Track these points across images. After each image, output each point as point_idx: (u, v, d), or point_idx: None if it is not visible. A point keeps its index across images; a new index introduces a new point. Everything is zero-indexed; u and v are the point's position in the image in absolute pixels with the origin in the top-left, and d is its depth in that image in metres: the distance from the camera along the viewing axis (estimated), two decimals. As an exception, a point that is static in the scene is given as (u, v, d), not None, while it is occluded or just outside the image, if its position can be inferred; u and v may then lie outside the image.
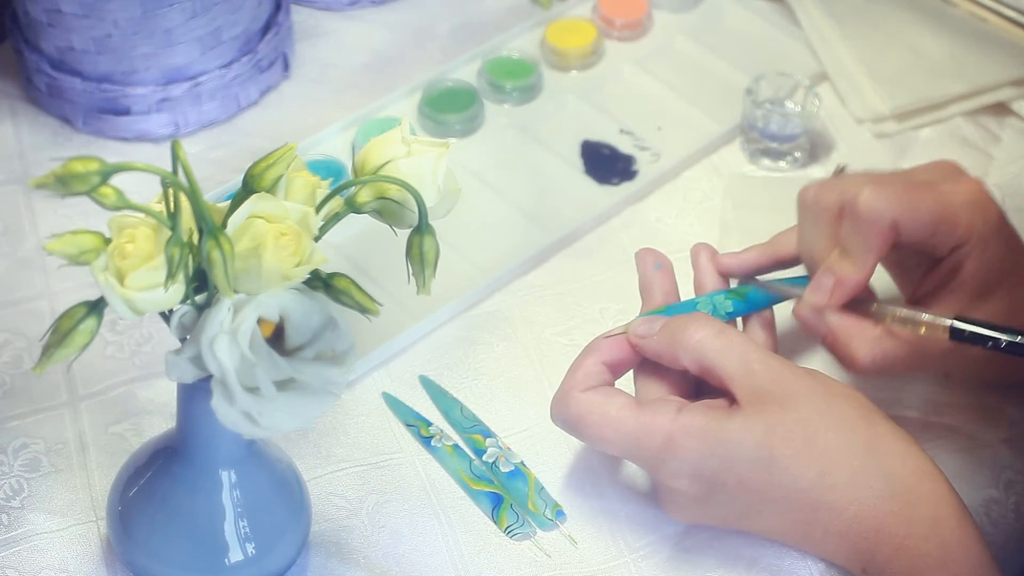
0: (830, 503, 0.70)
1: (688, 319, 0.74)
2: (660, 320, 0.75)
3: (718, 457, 0.70)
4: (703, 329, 0.73)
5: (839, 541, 0.71)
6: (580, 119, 0.99)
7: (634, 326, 0.76)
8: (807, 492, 0.70)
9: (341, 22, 1.07)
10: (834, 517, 0.71)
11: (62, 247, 0.59)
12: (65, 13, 0.92)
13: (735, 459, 0.70)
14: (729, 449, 0.70)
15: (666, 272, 0.79)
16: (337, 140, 0.96)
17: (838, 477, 0.70)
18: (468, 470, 0.79)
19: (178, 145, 0.59)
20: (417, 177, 0.64)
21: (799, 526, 0.72)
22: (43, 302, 0.87)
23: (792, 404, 0.71)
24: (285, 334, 0.63)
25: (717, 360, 0.72)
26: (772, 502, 0.71)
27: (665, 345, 0.74)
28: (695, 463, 0.71)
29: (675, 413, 0.71)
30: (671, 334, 0.74)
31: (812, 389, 0.71)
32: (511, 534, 0.77)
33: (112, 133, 0.96)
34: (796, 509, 0.71)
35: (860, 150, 0.98)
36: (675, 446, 0.71)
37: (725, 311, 0.78)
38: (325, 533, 0.76)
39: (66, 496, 0.77)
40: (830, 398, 0.71)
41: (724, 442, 0.70)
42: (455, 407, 0.82)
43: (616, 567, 0.76)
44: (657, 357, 0.75)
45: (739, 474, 0.71)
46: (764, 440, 0.70)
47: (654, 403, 0.73)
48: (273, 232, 0.61)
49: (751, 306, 0.79)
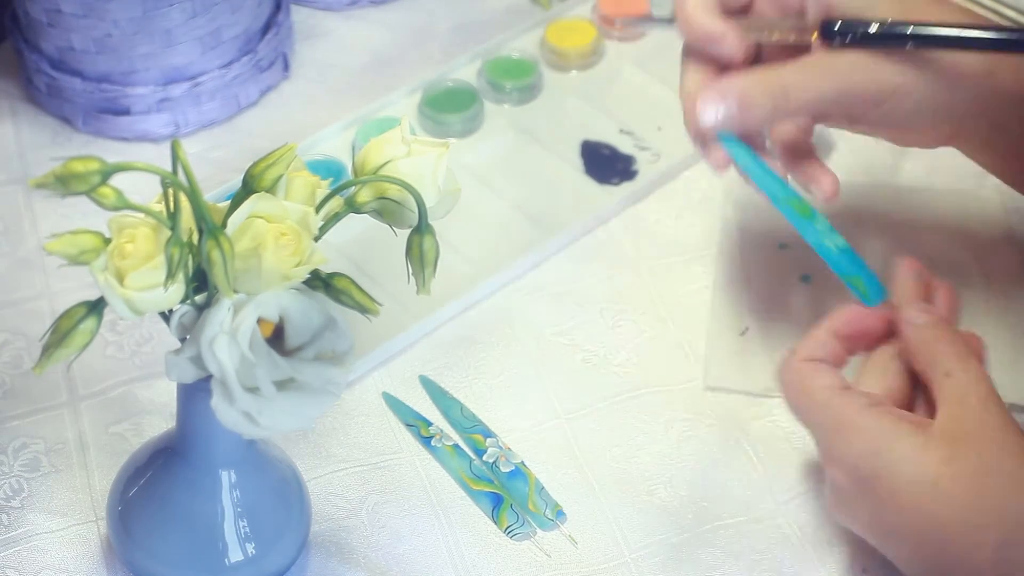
0: (967, 559, 0.66)
1: (961, 339, 0.72)
2: (933, 312, 0.73)
3: (881, 459, 0.68)
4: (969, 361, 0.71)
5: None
6: (580, 119, 0.99)
7: (911, 310, 0.73)
8: (947, 540, 0.66)
9: (341, 22, 1.07)
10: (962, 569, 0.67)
11: (62, 247, 0.59)
12: (65, 13, 0.92)
13: (893, 471, 0.67)
14: (894, 458, 0.67)
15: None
16: (337, 140, 0.96)
17: (987, 538, 0.66)
18: (468, 470, 0.79)
19: (178, 145, 0.59)
20: (417, 177, 0.64)
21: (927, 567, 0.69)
22: (43, 302, 0.87)
23: (985, 452, 0.67)
24: (285, 334, 0.63)
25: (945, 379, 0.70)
26: (915, 533, 0.68)
27: (926, 344, 0.72)
28: (857, 457, 0.69)
29: (866, 405, 0.69)
30: (938, 340, 0.71)
31: (1011, 449, 0.67)
32: (511, 534, 0.77)
33: (112, 133, 0.96)
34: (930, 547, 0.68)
35: (860, 150, 0.98)
36: (847, 433, 0.69)
37: (836, 244, 0.75)
38: (325, 533, 0.76)
39: (66, 496, 0.77)
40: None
41: (893, 449, 0.67)
42: (455, 407, 0.82)
43: (616, 567, 0.76)
44: (910, 352, 0.72)
45: (889, 487, 0.67)
46: (934, 468, 0.66)
47: (853, 392, 0.70)
48: (273, 232, 0.61)
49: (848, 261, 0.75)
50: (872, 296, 0.75)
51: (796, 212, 0.75)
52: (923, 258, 0.90)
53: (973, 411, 0.68)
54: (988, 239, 0.91)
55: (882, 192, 0.95)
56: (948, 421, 0.68)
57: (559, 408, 0.83)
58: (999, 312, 0.87)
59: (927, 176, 0.96)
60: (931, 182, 0.96)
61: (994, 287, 0.88)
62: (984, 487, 0.66)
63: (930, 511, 0.67)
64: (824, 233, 0.75)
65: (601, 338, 0.86)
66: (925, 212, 0.93)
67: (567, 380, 0.84)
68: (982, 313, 0.87)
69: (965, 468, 0.67)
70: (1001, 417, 0.68)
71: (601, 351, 0.85)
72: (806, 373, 0.72)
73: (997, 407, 0.69)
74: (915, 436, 0.68)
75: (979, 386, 0.69)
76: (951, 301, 0.76)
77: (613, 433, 0.81)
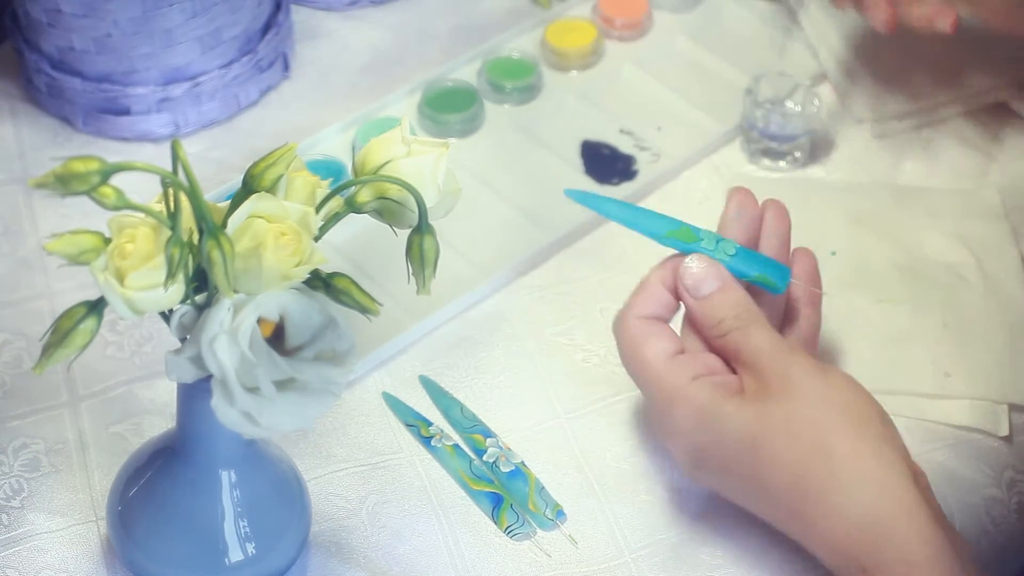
0: (801, 513, 0.70)
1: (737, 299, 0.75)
2: (715, 275, 0.75)
3: (709, 432, 0.72)
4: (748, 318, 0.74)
5: (818, 549, 0.70)
6: (580, 119, 0.99)
7: (686, 271, 0.76)
8: (782, 492, 0.70)
9: (341, 22, 1.07)
10: (807, 527, 0.70)
11: (62, 247, 0.59)
12: (65, 13, 0.92)
13: (723, 439, 0.71)
14: (718, 428, 0.71)
15: (744, 222, 0.78)
16: (337, 140, 0.96)
17: (810, 487, 0.69)
18: (468, 470, 0.79)
19: (178, 145, 0.59)
20: (417, 177, 0.64)
21: (784, 519, 0.72)
22: (43, 302, 0.87)
23: (790, 400, 0.70)
24: (285, 334, 0.63)
25: (739, 347, 0.73)
26: (757, 490, 0.71)
27: (707, 317, 0.75)
28: (688, 432, 0.72)
29: (688, 379, 0.72)
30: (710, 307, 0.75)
31: (819, 392, 0.71)
32: (511, 534, 0.77)
33: (112, 133, 0.96)
34: (777, 505, 0.71)
35: (860, 150, 0.98)
36: (675, 410, 0.72)
37: (727, 254, 0.77)
38: (325, 533, 0.76)
39: (66, 496, 0.77)
40: (835, 405, 0.70)
41: (716, 419, 0.71)
42: (455, 407, 0.82)
43: (616, 567, 0.76)
44: (694, 322, 0.76)
45: (725, 455, 0.72)
46: (751, 427, 0.70)
47: (679, 360, 0.73)
48: (273, 232, 0.61)
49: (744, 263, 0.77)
50: (779, 284, 0.77)
51: (680, 240, 0.77)
52: (923, 258, 0.90)
53: (770, 364, 0.72)
54: (988, 239, 0.91)
55: (882, 192, 0.95)
56: (751, 384, 0.72)
57: (559, 408, 0.83)
58: (998, 312, 0.87)
59: (927, 176, 0.96)
60: (931, 182, 0.96)
61: (994, 287, 0.88)
62: (795, 436, 0.70)
63: (760, 473, 0.70)
64: (713, 249, 0.77)
65: (601, 338, 0.86)
66: (925, 212, 0.93)
67: (567, 380, 0.84)
68: (982, 313, 0.87)
69: (775, 423, 0.70)
70: (800, 362, 0.72)
71: (601, 351, 0.85)
72: (640, 339, 0.75)
73: (786, 354, 0.72)
74: (729, 402, 0.71)
75: (766, 339, 0.72)
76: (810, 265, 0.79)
77: (613, 433, 0.81)
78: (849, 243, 0.91)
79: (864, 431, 0.70)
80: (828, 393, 0.71)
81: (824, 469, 0.69)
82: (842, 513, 0.68)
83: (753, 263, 0.77)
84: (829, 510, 0.69)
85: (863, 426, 0.70)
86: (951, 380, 0.83)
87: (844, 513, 0.68)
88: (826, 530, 0.69)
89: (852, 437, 0.69)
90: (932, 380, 0.83)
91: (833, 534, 0.69)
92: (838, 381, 0.72)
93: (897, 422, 0.73)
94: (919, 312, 0.87)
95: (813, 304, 0.79)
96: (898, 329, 0.86)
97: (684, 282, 0.75)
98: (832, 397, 0.71)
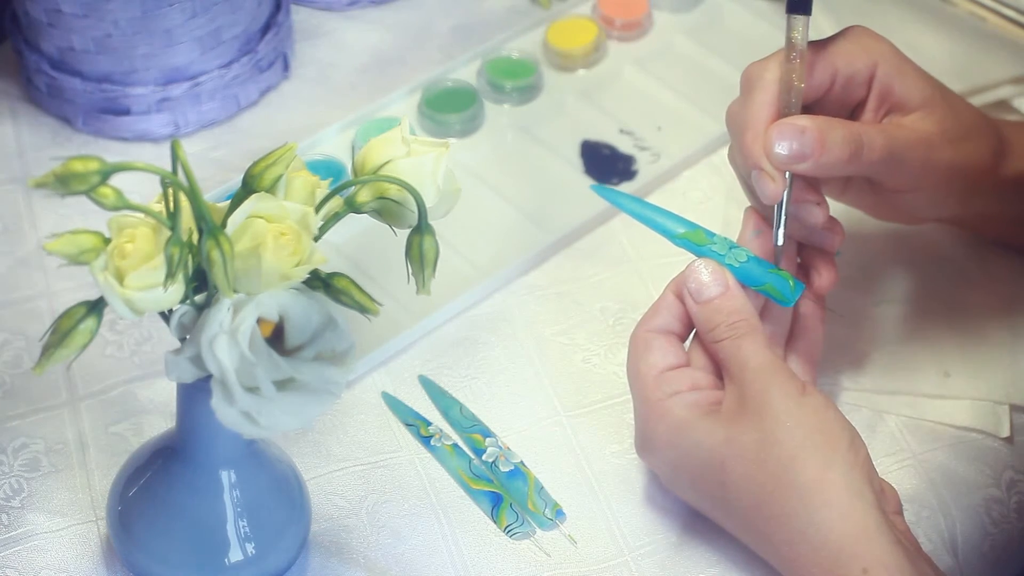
0: (766, 534, 0.70)
1: (737, 309, 0.74)
2: (719, 280, 0.75)
3: (679, 450, 0.72)
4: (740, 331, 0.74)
5: (784, 570, 0.71)
6: (580, 119, 0.99)
7: (691, 274, 0.76)
8: (748, 512, 0.71)
9: (341, 22, 1.07)
10: (772, 548, 0.71)
11: (62, 247, 0.59)
12: (65, 13, 0.92)
13: (691, 458, 0.72)
14: (688, 446, 0.72)
15: (762, 240, 0.78)
16: (337, 140, 0.96)
17: (773, 511, 0.70)
18: (468, 470, 0.79)
19: (178, 145, 0.59)
20: (417, 177, 0.65)
21: (751, 540, 0.73)
22: (43, 302, 0.87)
23: (762, 421, 0.70)
24: (285, 334, 0.63)
25: (728, 356, 0.73)
26: (726, 509, 0.72)
27: (704, 321, 0.75)
28: (662, 448, 0.73)
29: (668, 394, 0.73)
30: (712, 314, 0.75)
31: (793, 416, 0.70)
32: (511, 534, 0.77)
33: (112, 133, 0.96)
34: (744, 525, 0.72)
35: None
36: (651, 424, 0.73)
37: (737, 260, 0.76)
38: (325, 533, 0.76)
39: (66, 496, 0.77)
40: (805, 429, 0.70)
41: (686, 437, 0.72)
42: (455, 407, 0.82)
43: (616, 567, 0.76)
44: (695, 326, 0.76)
45: (693, 473, 0.72)
46: (719, 449, 0.71)
47: (667, 375, 0.74)
48: (273, 232, 0.61)
49: (754, 271, 0.77)
50: (788, 297, 0.76)
51: (692, 243, 0.77)
52: (923, 258, 0.90)
53: (753, 383, 0.71)
54: (988, 239, 0.91)
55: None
56: (730, 399, 0.72)
57: (559, 408, 0.83)
58: (999, 312, 0.87)
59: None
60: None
61: (994, 287, 0.88)
62: (762, 461, 0.70)
63: (726, 495, 0.71)
64: (724, 253, 0.76)
65: (601, 338, 0.86)
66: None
67: (567, 380, 0.84)
68: (983, 313, 0.87)
69: (743, 446, 0.70)
70: (782, 385, 0.71)
71: (601, 351, 0.85)
72: (639, 351, 0.75)
73: (768, 372, 0.71)
74: (703, 420, 0.72)
75: (756, 357, 0.72)
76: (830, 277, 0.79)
77: (613, 433, 0.81)
78: (850, 243, 0.91)
79: (831, 457, 0.69)
80: (801, 417, 0.70)
81: (788, 493, 0.69)
82: (804, 538, 0.69)
83: (763, 273, 0.76)
84: (793, 534, 0.69)
85: (830, 451, 0.69)
86: (951, 380, 0.83)
87: (805, 538, 0.69)
88: (789, 553, 0.69)
89: (818, 463, 0.69)
90: (932, 380, 0.83)
91: (796, 557, 0.69)
92: (814, 404, 0.71)
93: (897, 422, 0.73)
94: (919, 312, 0.87)
95: (820, 320, 0.79)
96: (898, 329, 0.86)
97: (688, 285, 0.75)
98: (804, 421, 0.70)
